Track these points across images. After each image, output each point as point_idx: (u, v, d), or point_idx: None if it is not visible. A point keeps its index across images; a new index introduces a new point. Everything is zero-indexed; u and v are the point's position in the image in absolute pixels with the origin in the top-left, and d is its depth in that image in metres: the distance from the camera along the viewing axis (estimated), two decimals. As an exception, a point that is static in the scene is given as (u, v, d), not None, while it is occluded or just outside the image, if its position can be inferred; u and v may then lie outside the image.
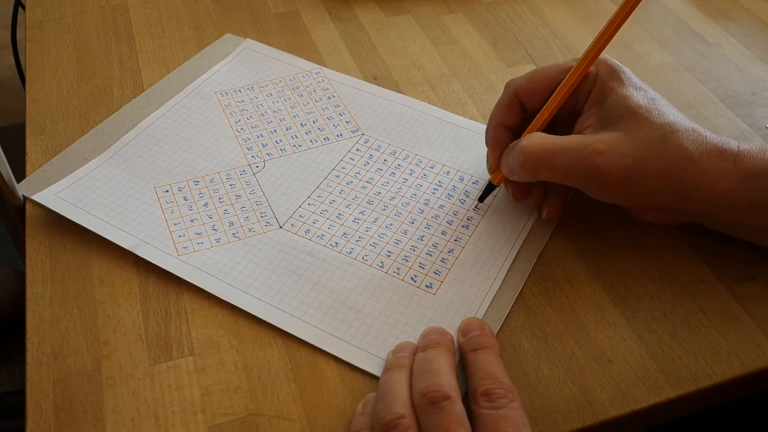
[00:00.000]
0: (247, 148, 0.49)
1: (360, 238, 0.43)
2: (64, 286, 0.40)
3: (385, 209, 0.45)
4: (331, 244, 0.43)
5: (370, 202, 0.46)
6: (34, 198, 0.44)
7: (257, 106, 0.52)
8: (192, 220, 0.44)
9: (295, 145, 0.49)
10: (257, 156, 0.48)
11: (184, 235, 0.43)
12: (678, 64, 0.58)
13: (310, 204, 0.45)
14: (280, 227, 0.44)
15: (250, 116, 0.51)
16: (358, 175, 0.47)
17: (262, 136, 0.50)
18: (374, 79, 0.56)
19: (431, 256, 0.43)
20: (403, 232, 0.44)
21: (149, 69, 0.55)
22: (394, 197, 0.46)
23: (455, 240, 0.43)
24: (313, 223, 0.44)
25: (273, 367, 0.37)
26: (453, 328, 0.39)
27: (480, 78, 0.56)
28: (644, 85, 0.42)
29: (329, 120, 0.51)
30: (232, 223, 0.44)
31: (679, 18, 0.64)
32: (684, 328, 0.40)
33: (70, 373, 0.37)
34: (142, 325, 0.39)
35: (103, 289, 0.40)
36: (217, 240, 0.43)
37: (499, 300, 0.40)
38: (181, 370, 0.37)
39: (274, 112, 0.52)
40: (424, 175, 0.48)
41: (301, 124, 0.51)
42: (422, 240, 0.43)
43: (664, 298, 0.41)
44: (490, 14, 0.63)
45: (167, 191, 0.45)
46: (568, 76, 0.42)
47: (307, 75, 0.55)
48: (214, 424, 0.35)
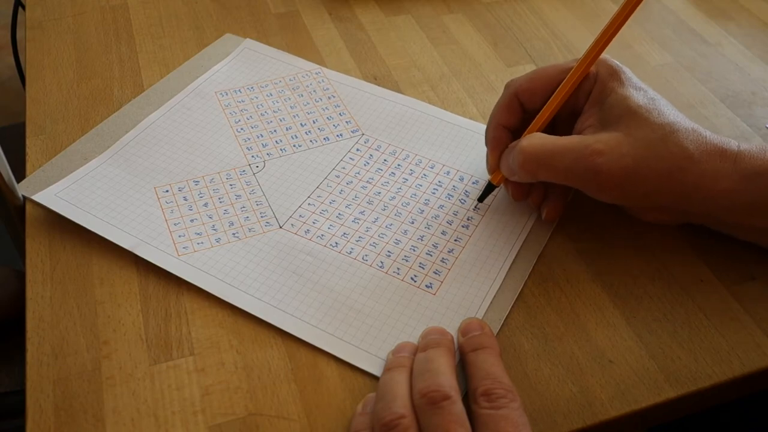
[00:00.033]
0: (247, 148, 0.49)
1: (360, 238, 0.43)
2: (64, 286, 0.40)
3: (385, 209, 0.45)
4: (331, 244, 0.43)
5: (370, 202, 0.46)
6: (34, 198, 0.44)
7: (257, 106, 0.52)
8: (192, 220, 0.44)
9: (295, 145, 0.49)
10: (257, 156, 0.48)
11: (184, 235, 0.43)
12: (678, 64, 0.58)
13: (310, 204, 0.45)
14: (280, 227, 0.44)
15: (250, 116, 0.51)
16: (358, 175, 0.47)
17: (262, 136, 0.50)
18: (374, 79, 0.55)
19: (431, 256, 0.43)
20: (403, 232, 0.44)
21: (149, 69, 0.55)
22: (394, 197, 0.46)
23: (455, 240, 0.43)
24: (313, 223, 0.44)
25: (273, 367, 0.37)
26: (453, 328, 0.39)
27: (480, 78, 0.56)
28: (644, 85, 0.42)
29: (329, 120, 0.51)
30: (232, 223, 0.44)
31: (679, 18, 0.64)
32: (684, 328, 0.40)
33: (70, 373, 0.37)
34: (142, 325, 0.39)
35: (103, 289, 0.40)
36: (217, 240, 0.43)
37: (499, 300, 0.40)
38: (181, 370, 0.37)
39: (274, 112, 0.52)
40: (424, 175, 0.48)
41: (301, 124, 0.51)
42: (422, 240, 0.43)
43: (664, 298, 0.41)
44: (490, 14, 0.63)
45: (167, 191, 0.45)
46: (569, 76, 0.42)
47: (307, 75, 0.55)
48: (214, 424, 0.35)
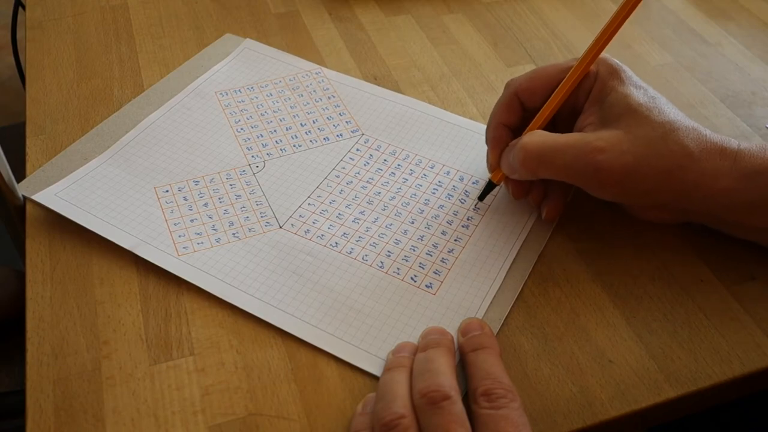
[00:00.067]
0: (247, 148, 0.49)
1: (360, 238, 0.43)
2: (64, 286, 0.40)
3: (385, 209, 0.45)
4: (331, 244, 0.43)
5: (370, 202, 0.46)
6: (34, 198, 0.44)
7: (257, 106, 0.52)
8: (192, 220, 0.44)
9: (295, 145, 0.49)
10: (257, 156, 0.48)
11: (184, 235, 0.43)
12: (678, 64, 0.58)
13: (310, 204, 0.45)
14: (280, 227, 0.44)
15: (250, 116, 0.51)
16: (358, 175, 0.47)
17: (262, 136, 0.50)
18: (374, 79, 0.55)
19: (431, 256, 0.43)
20: (403, 232, 0.44)
21: (149, 69, 0.55)
22: (394, 197, 0.46)
23: (455, 240, 0.43)
24: (313, 223, 0.44)
25: (273, 367, 0.37)
26: (453, 328, 0.39)
27: (480, 78, 0.56)
28: (644, 84, 0.42)
29: (329, 120, 0.51)
30: (232, 223, 0.44)
31: (679, 18, 0.64)
32: (684, 328, 0.40)
33: (70, 373, 0.37)
34: (142, 325, 0.39)
35: (103, 289, 0.40)
36: (217, 240, 0.43)
37: (499, 300, 0.40)
38: (181, 370, 0.37)
39: (274, 112, 0.52)
40: (424, 175, 0.48)
41: (301, 124, 0.51)
42: (422, 240, 0.43)
43: (664, 298, 0.41)
44: (490, 14, 0.63)
45: (167, 191, 0.45)
46: (569, 75, 0.42)
47: (307, 75, 0.55)
48: (214, 424, 0.35)
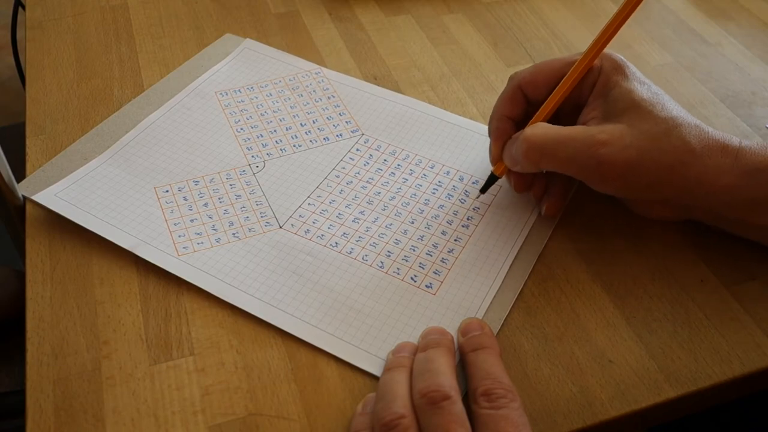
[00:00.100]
0: (247, 148, 0.49)
1: (360, 238, 0.43)
2: (64, 286, 0.40)
3: (385, 209, 0.45)
4: (331, 244, 0.43)
5: (370, 202, 0.46)
6: (34, 198, 0.44)
7: (257, 106, 0.52)
8: (192, 220, 0.44)
9: (295, 145, 0.49)
10: (257, 156, 0.48)
11: (184, 235, 0.43)
12: (678, 64, 0.58)
13: (310, 204, 0.45)
14: (280, 227, 0.44)
15: (250, 116, 0.51)
16: (358, 175, 0.47)
17: (262, 136, 0.50)
18: (374, 79, 0.55)
19: (431, 256, 0.43)
20: (403, 232, 0.44)
21: (149, 69, 0.55)
22: (394, 197, 0.46)
23: (455, 240, 0.43)
24: (313, 223, 0.44)
25: (273, 367, 0.37)
26: (453, 328, 0.39)
27: (480, 78, 0.56)
28: (648, 80, 0.42)
29: (329, 120, 0.51)
30: (232, 223, 0.44)
31: (679, 18, 0.64)
32: (684, 328, 0.40)
33: (70, 373, 0.37)
34: (142, 325, 0.39)
35: (103, 289, 0.40)
36: (217, 240, 0.43)
37: (499, 300, 0.40)
38: (181, 370, 0.37)
39: (274, 112, 0.52)
40: (424, 175, 0.48)
41: (301, 124, 0.51)
42: (422, 240, 0.43)
43: (664, 298, 0.41)
44: (490, 14, 0.63)
45: (167, 191, 0.45)
46: (573, 68, 0.42)
47: (306, 75, 0.55)
48: (214, 424, 0.35)
